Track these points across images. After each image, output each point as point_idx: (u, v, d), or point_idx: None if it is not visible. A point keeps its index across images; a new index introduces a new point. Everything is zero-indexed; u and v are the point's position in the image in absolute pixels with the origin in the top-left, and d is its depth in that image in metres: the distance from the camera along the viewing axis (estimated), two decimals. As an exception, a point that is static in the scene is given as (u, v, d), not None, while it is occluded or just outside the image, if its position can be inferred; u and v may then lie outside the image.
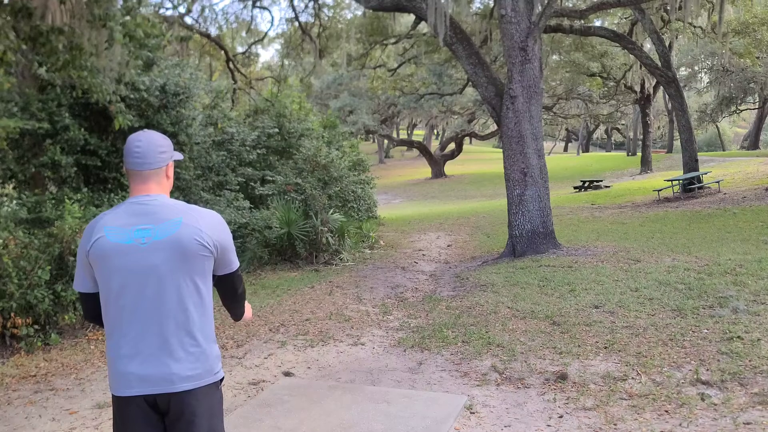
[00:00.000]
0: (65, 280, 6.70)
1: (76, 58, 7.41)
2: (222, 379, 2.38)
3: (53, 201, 8.46)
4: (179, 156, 2.49)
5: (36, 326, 6.42)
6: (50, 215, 7.87)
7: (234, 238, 2.47)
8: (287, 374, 5.38)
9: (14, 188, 9.40)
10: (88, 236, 2.27)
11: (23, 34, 7.11)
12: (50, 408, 4.81)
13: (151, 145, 2.34)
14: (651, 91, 31.05)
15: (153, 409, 2.24)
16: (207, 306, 2.33)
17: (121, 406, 2.24)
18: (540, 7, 10.80)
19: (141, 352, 2.21)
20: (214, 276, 2.40)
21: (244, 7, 21.28)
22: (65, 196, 8.25)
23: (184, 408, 2.22)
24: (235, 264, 2.46)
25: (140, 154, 2.32)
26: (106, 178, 9.99)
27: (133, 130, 9.88)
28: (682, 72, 40.13)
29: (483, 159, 53.17)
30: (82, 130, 9.34)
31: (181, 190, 10.62)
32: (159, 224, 2.25)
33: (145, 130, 2.44)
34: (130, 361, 2.22)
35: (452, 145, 45.18)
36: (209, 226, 2.30)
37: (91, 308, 2.36)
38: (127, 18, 8.80)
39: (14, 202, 8.47)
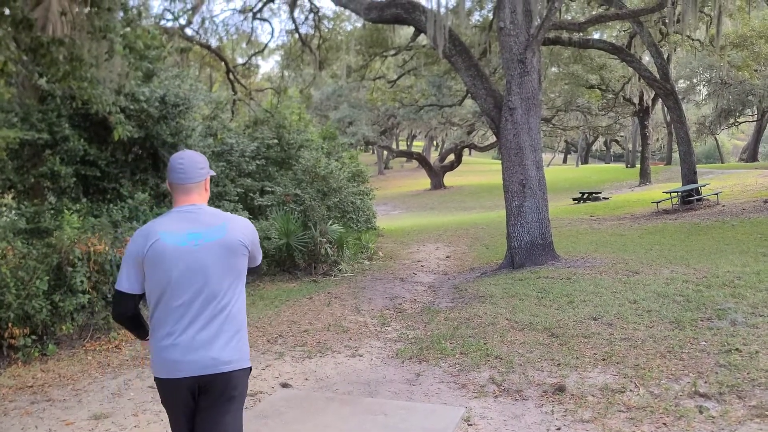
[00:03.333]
0: (63, 290, 6.69)
1: (76, 69, 7.43)
2: (250, 369, 2.74)
3: (52, 211, 8.47)
4: (213, 172, 2.89)
5: (33, 336, 6.41)
6: (49, 225, 7.88)
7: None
8: (285, 386, 5.36)
9: (13, 198, 9.41)
10: (143, 240, 2.60)
11: (24, 45, 7.14)
12: (47, 419, 4.79)
13: (192, 163, 2.74)
14: (650, 103, 31.16)
15: (197, 388, 2.58)
16: (243, 298, 2.73)
17: (170, 387, 2.58)
18: (539, 20, 10.87)
19: (193, 340, 2.54)
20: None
21: (245, 18, 21.41)
22: (64, 207, 8.26)
23: (226, 387, 2.59)
24: (260, 258, 2.92)
25: (183, 170, 2.71)
26: (105, 189, 10.00)
27: (132, 140, 9.92)
28: (681, 84, 40.26)
29: (482, 170, 53.23)
30: (82, 140, 9.36)
31: (180, 201, 10.62)
32: (207, 229, 2.64)
33: (185, 150, 2.86)
34: (180, 347, 2.54)
35: (451, 157, 45.26)
36: (245, 230, 2.73)
37: (129, 307, 2.67)
38: (128, 29, 8.85)
39: (13, 212, 8.47)
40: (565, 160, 76.14)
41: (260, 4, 19.55)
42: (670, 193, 19.54)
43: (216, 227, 2.65)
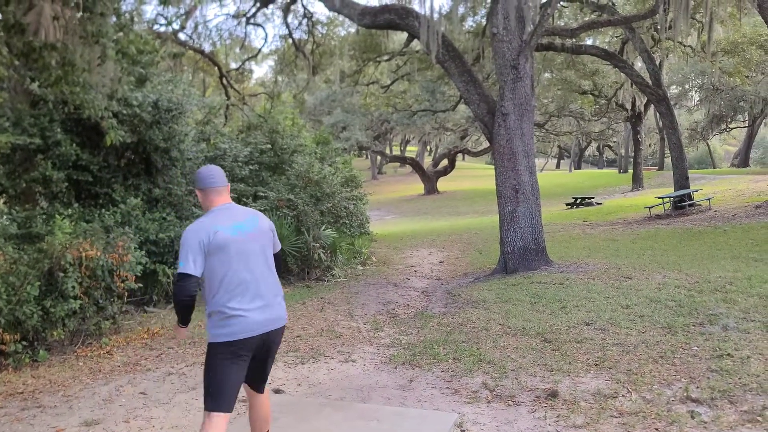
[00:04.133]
0: (54, 296, 6.65)
1: (68, 74, 7.42)
2: None
3: (44, 216, 8.43)
4: None
5: (24, 342, 6.36)
6: (40, 230, 7.84)
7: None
8: (277, 391, 5.34)
9: (5, 203, 9.36)
10: (206, 233, 3.29)
11: (16, 50, 7.13)
12: (37, 425, 4.76)
13: (218, 171, 3.55)
14: (642, 109, 31.33)
15: (260, 343, 3.39)
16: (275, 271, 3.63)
17: (239, 346, 3.29)
18: (531, 26, 10.90)
19: (261, 305, 3.38)
20: None
21: (238, 23, 21.39)
22: (56, 212, 8.23)
23: (279, 337, 3.56)
24: (279, 245, 3.79)
25: (213, 176, 3.51)
26: (97, 194, 9.96)
27: (125, 145, 9.89)
28: (673, 90, 40.46)
29: (475, 175, 53.31)
30: (74, 145, 9.33)
31: (172, 206, 10.58)
32: (246, 220, 3.48)
33: (208, 164, 3.78)
34: (252, 312, 3.33)
35: (445, 162, 45.32)
36: (267, 220, 3.66)
37: (194, 289, 3.26)
38: (120, 34, 8.84)
39: (4, 217, 8.43)
40: (558, 166, 76.30)
41: (254, 9, 19.56)
42: (663, 198, 19.61)
43: (251, 219, 3.51)
